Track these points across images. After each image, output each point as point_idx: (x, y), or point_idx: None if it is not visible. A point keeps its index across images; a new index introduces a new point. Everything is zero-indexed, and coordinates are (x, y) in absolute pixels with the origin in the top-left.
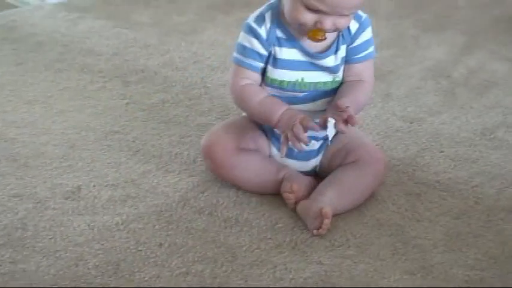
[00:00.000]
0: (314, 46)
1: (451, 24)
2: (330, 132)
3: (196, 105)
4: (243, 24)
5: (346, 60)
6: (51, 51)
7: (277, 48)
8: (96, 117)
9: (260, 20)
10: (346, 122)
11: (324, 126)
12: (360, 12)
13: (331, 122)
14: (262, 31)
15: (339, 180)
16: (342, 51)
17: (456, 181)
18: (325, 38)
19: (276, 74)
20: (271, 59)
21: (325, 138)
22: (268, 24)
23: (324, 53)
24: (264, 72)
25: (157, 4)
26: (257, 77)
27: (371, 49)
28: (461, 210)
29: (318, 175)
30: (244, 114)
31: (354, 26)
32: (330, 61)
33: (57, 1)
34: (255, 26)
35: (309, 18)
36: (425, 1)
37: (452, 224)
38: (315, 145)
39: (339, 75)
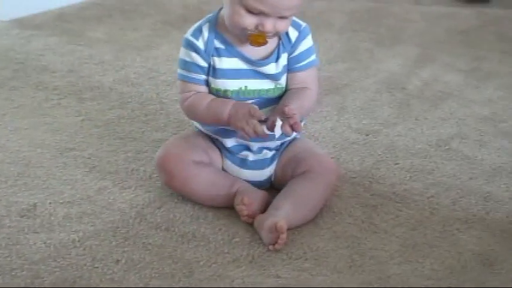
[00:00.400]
0: (255, 53)
1: (404, 37)
2: (277, 132)
3: (152, 121)
4: (182, 40)
5: (290, 69)
6: (5, 69)
7: (216, 59)
8: (51, 135)
9: (197, 32)
10: (291, 127)
11: (272, 128)
12: (299, 21)
13: (278, 123)
14: (200, 43)
15: (294, 193)
16: (283, 59)
17: (412, 192)
18: (266, 42)
19: (219, 84)
20: (211, 70)
21: (277, 149)
22: (205, 35)
23: (265, 60)
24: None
25: (112, 20)
26: (204, 89)
27: (313, 57)
28: (417, 221)
29: (273, 186)
30: (196, 128)
31: (293, 34)
32: (271, 68)
33: (10, 18)
34: (192, 39)
35: (250, 21)
36: (379, 14)
37: (408, 234)
38: (268, 154)
39: (281, 83)
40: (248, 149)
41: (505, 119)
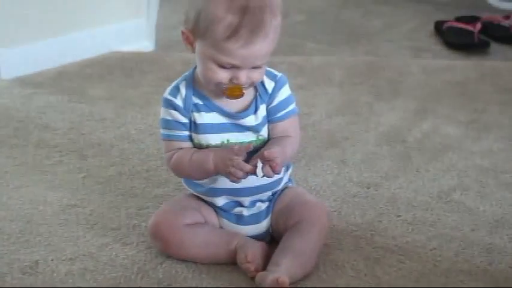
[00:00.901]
0: (233, 107)
1: (403, 90)
2: (259, 173)
3: (153, 177)
4: (161, 100)
5: (270, 120)
6: (6, 127)
7: (196, 114)
8: (53, 192)
9: (175, 91)
10: (272, 168)
11: (255, 172)
12: (275, 72)
13: (259, 164)
14: (178, 101)
15: (291, 249)
16: (262, 110)
17: (414, 245)
18: (243, 94)
19: (202, 139)
20: (193, 126)
21: (270, 200)
22: (183, 93)
23: (244, 112)
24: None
25: (112, 78)
26: (188, 145)
27: (292, 106)
28: (420, 273)
29: (272, 237)
30: (187, 192)
31: (270, 85)
32: (251, 120)
33: (12, 77)
34: (170, 97)
35: (223, 75)
36: (378, 68)
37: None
38: (262, 206)
39: (263, 134)
40: (241, 205)
41: (506, 170)
